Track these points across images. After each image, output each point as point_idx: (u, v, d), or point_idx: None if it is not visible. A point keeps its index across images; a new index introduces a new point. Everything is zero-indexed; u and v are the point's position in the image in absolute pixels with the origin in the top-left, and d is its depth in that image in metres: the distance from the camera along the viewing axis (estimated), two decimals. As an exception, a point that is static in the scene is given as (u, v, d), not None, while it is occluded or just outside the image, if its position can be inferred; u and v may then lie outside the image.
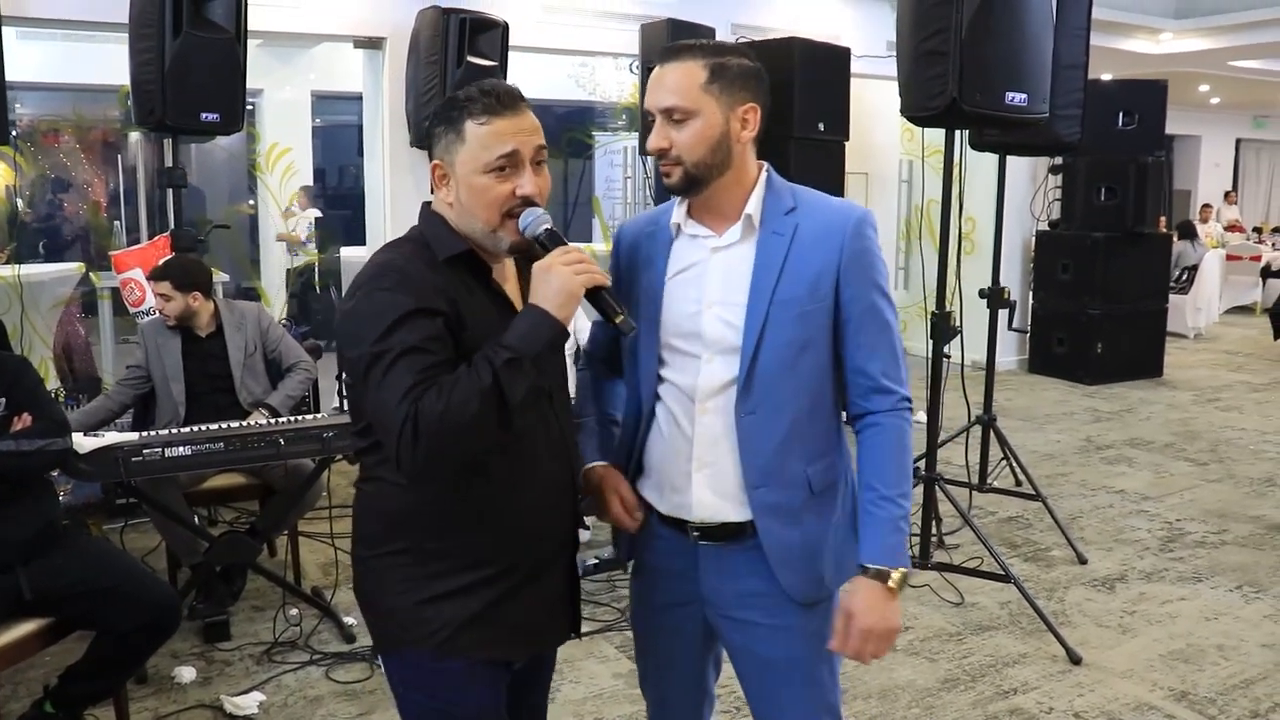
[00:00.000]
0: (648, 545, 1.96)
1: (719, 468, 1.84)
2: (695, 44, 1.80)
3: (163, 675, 3.53)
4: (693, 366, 1.83)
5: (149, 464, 3.36)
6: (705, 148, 1.77)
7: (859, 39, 7.66)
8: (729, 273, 1.82)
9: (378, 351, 1.62)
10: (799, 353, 1.81)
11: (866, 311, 1.82)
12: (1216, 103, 16.03)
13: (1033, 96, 3.72)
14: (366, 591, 1.82)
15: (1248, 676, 3.65)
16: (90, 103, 9.78)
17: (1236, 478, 6.12)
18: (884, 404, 1.85)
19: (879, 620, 1.78)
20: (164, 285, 4.12)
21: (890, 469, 1.83)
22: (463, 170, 1.71)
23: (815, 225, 1.82)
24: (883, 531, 1.80)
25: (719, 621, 1.94)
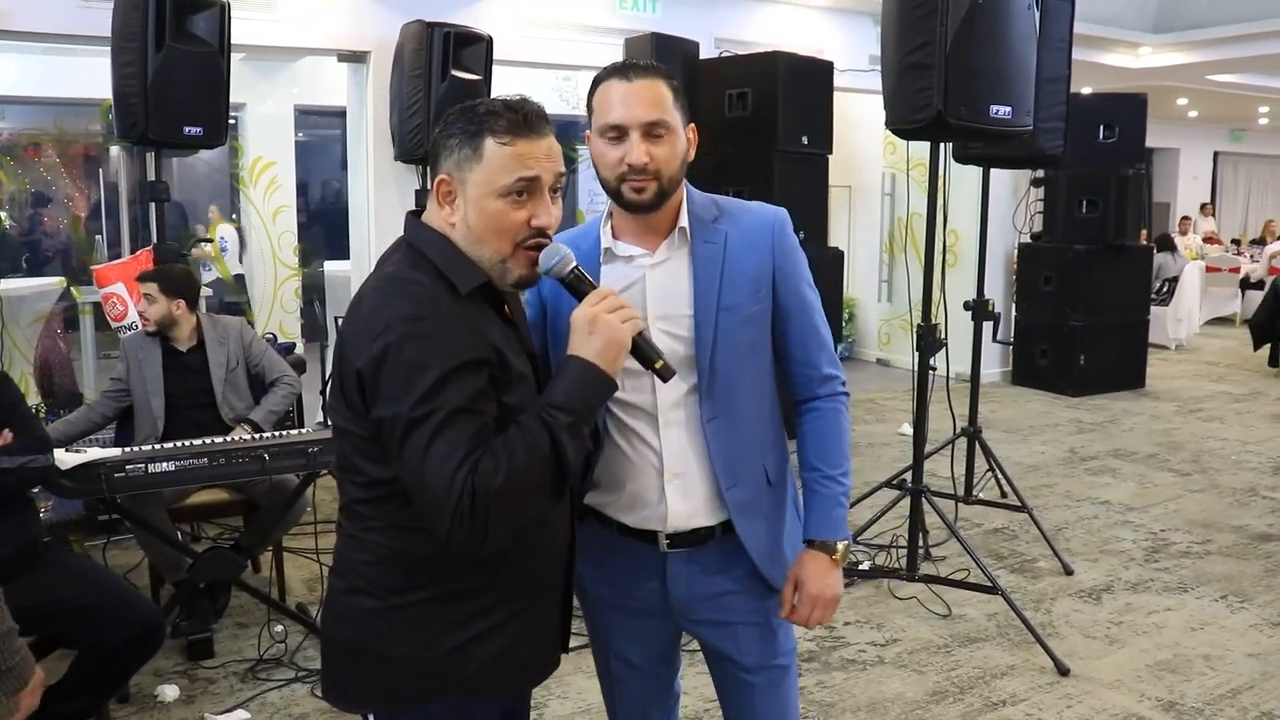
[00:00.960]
0: (604, 560, 1.95)
1: (689, 476, 1.87)
2: (648, 64, 1.83)
3: (145, 694, 3.49)
4: (645, 383, 1.84)
5: (132, 480, 3.32)
6: (678, 163, 1.81)
7: (842, 53, 7.71)
8: (668, 287, 1.85)
9: (420, 415, 1.49)
10: (749, 354, 1.88)
11: (802, 305, 1.93)
12: (1194, 116, 16.17)
13: (1017, 109, 3.74)
14: (371, 643, 1.65)
15: (1234, 686, 3.66)
16: (72, 116, 9.73)
17: (1219, 488, 6.14)
18: (826, 390, 1.96)
19: (825, 588, 1.89)
20: (150, 286, 4.10)
21: (832, 450, 1.94)
22: (476, 191, 1.60)
23: (743, 230, 1.88)
24: (827, 507, 1.92)
25: (693, 628, 1.98)
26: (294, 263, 8.53)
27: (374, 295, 1.60)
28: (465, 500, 1.46)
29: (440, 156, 1.63)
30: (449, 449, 1.48)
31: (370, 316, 1.56)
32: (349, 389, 1.58)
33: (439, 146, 1.63)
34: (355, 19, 6.25)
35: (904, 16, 3.64)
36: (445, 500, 1.47)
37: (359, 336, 1.56)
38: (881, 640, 3.99)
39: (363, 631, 1.66)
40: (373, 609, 1.64)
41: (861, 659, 3.83)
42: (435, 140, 1.65)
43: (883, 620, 4.16)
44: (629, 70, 1.80)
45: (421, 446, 1.49)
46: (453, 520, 1.48)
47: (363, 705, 1.72)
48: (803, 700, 3.51)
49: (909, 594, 4.36)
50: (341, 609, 1.69)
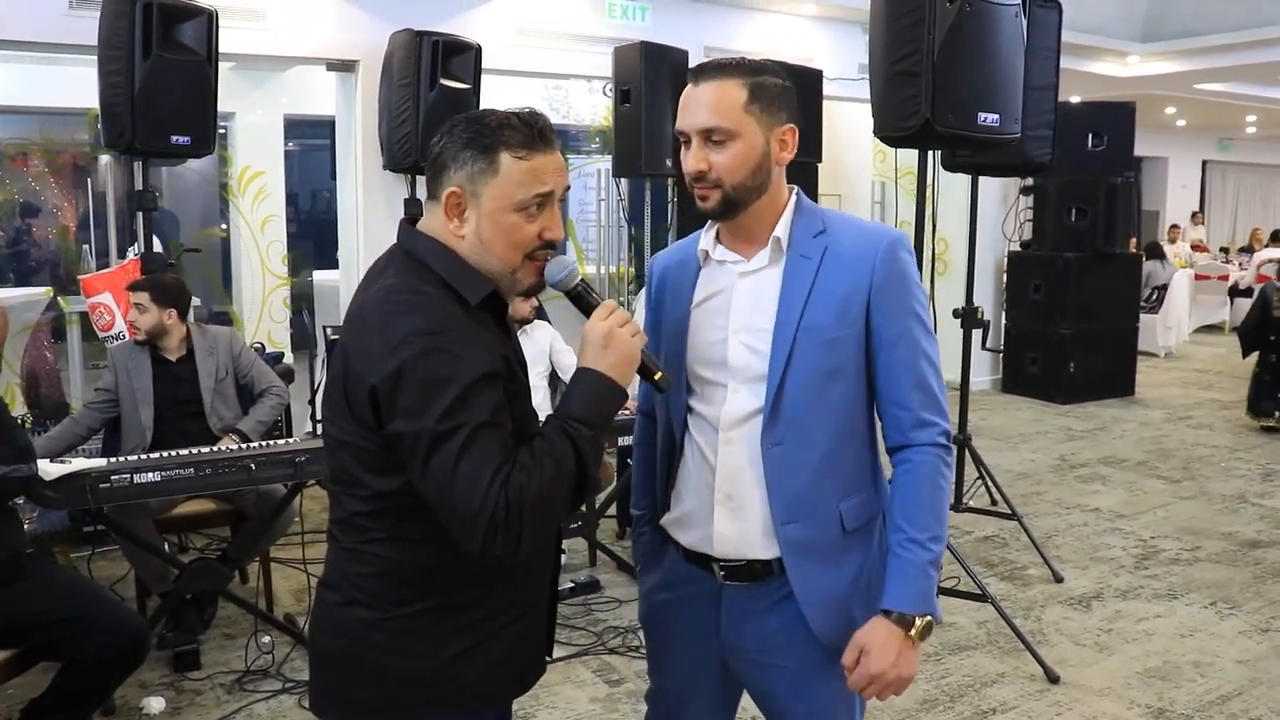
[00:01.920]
0: (670, 581, 1.90)
1: (742, 500, 1.77)
2: (732, 62, 1.73)
3: (131, 706, 3.46)
4: (719, 396, 1.77)
5: (117, 490, 3.30)
6: (746, 170, 1.70)
7: (831, 62, 7.73)
8: (756, 298, 1.76)
9: (445, 430, 1.47)
10: (827, 381, 1.74)
11: (901, 337, 1.75)
12: (1183, 125, 16.25)
13: (1005, 117, 3.76)
14: (365, 655, 1.63)
15: (1224, 692, 3.65)
16: (59, 126, 9.69)
17: (1209, 495, 6.15)
18: (921, 438, 1.76)
19: (892, 666, 1.69)
20: (142, 295, 4.09)
21: (921, 510, 1.74)
22: (490, 205, 1.58)
23: (845, 248, 1.75)
24: (909, 575, 1.71)
25: (742, 667, 1.87)
26: (283, 272, 8.50)
27: (381, 308, 1.56)
28: (500, 514, 1.46)
29: (449, 168, 1.60)
30: (478, 464, 1.47)
31: (383, 331, 1.52)
32: (358, 404, 1.55)
33: (446, 158, 1.60)
34: (344, 28, 6.24)
35: (892, 25, 3.65)
36: (479, 514, 1.46)
37: (371, 352, 1.52)
38: (872, 649, 3.97)
39: (357, 643, 1.64)
40: (369, 620, 1.62)
41: (851, 668, 3.81)
42: (440, 150, 1.61)
43: (873, 629, 4.15)
44: (699, 72, 1.73)
45: (450, 462, 1.47)
46: (486, 533, 1.47)
47: (355, 718, 1.70)
48: (792, 709, 3.49)
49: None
50: (335, 621, 1.67)
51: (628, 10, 7.25)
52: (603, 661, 3.81)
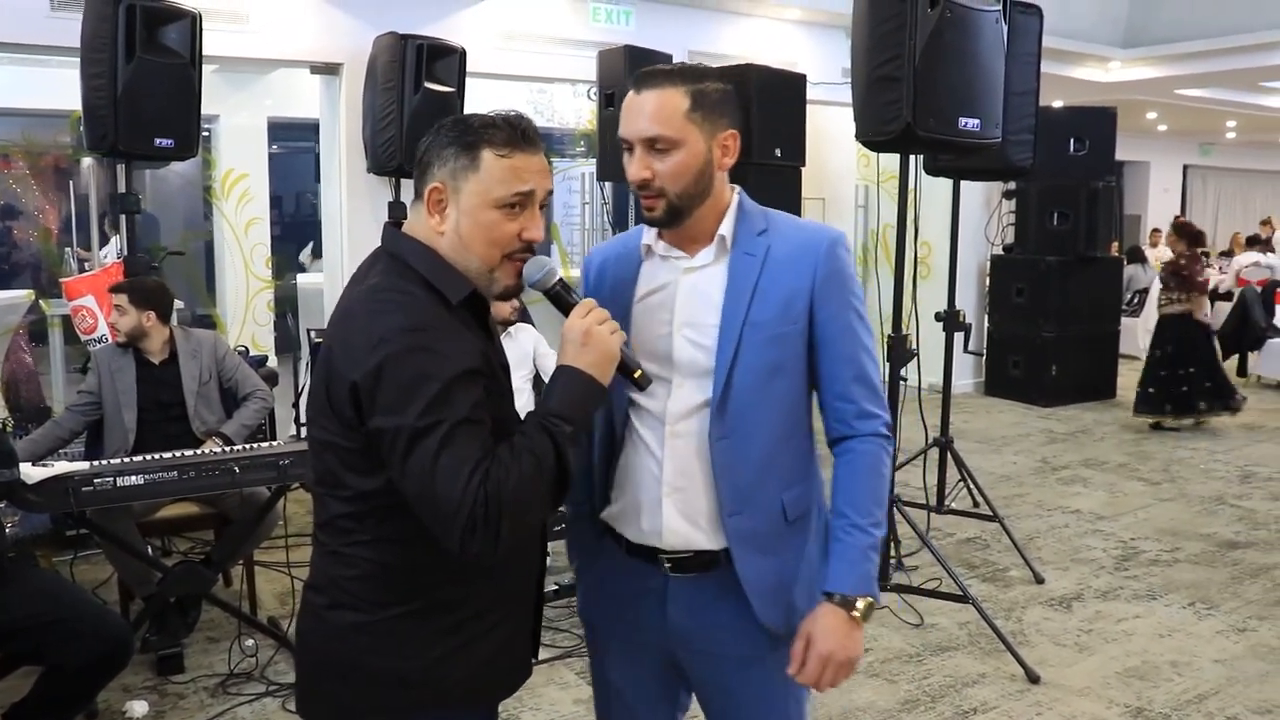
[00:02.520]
0: (612, 575, 1.90)
1: (690, 493, 1.79)
2: (672, 69, 1.75)
3: (114, 710, 3.46)
4: (663, 390, 1.79)
5: (100, 494, 3.29)
6: (689, 178, 1.73)
7: (815, 66, 7.75)
8: (700, 294, 1.79)
9: (425, 426, 1.49)
10: (772, 376, 1.78)
11: (843, 333, 1.80)
12: (1164, 130, 16.37)
13: (985, 122, 3.79)
14: (354, 658, 1.64)
15: (1201, 691, 3.69)
16: (41, 128, 9.66)
17: (1188, 496, 6.21)
18: (864, 429, 1.82)
19: (839, 648, 1.73)
20: (121, 297, 4.09)
21: (864, 496, 1.80)
22: (470, 201, 1.61)
23: (788, 246, 1.79)
24: (851, 559, 1.76)
25: (687, 657, 1.89)
26: (266, 275, 8.48)
27: (365, 307, 1.58)
28: (479, 510, 1.47)
29: (433, 165, 1.62)
30: (458, 460, 1.49)
31: (366, 328, 1.54)
32: (339, 402, 1.57)
33: (431, 155, 1.63)
34: (328, 31, 6.24)
35: (873, 30, 3.68)
36: (459, 511, 1.48)
37: (353, 349, 1.55)
38: (854, 650, 4.00)
39: (345, 646, 1.65)
40: (357, 623, 1.63)
41: (834, 669, 3.83)
42: (426, 149, 1.64)
43: (855, 630, 4.17)
44: (642, 80, 1.74)
45: (429, 458, 1.49)
46: (465, 529, 1.48)
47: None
48: (775, 710, 3.51)
49: (881, 603, 4.36)
50: (322, 624, 1.67)
51: (612, 14, 7.28)
52: (586, 663, 3.81)
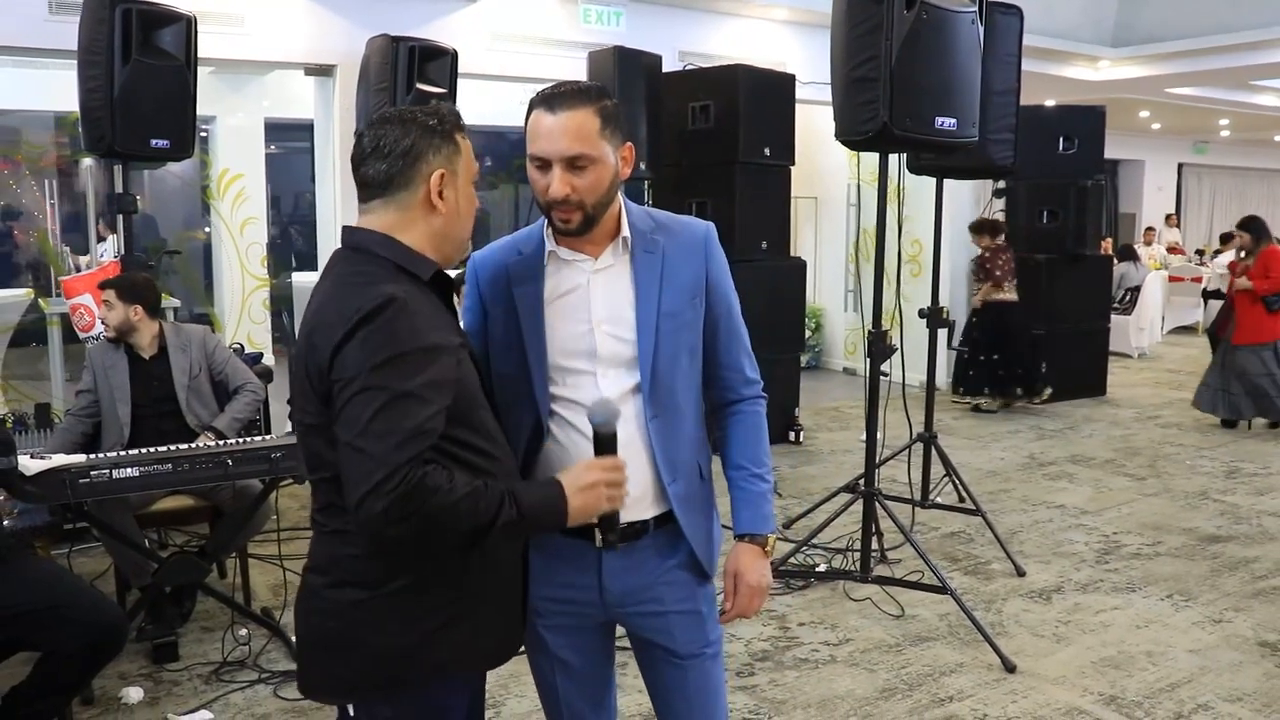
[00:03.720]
0: (544, 555, 1.99)
1: (631, 470, 1.88)
2: (579, 90, 1.85)
3: (110, 696, 3.55)
4: (588, 382, 1.92)
5: (96, 485, 3.38)
6: (603, 190, 1.86)
7: (805, 66, 7.83)
8: (612, 293, 1.94)
9: (373, 385, 1.58)
10: (687, 358, 1.98)
11: (730, 312, 2.05)
12: (1158, 128, 16.44)
13: (962, 121, 3.86)
14: (354, 634, 1.72)
15: (1174, 680, 3.77)
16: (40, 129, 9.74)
17: (1173, 491, 6.28)
18: (750, 393, 2.09)
19: (761, 578, 2.04)
20: (108, 293, 4.17)
21: (758, 450, 2.08)
22: (463, 179, 1.81)
23: (678, 241, 1.99)
24: (757, 504, 2.06)
25: (627, 617, 2.03)
26: (262, 274, 8.56)
27: (338, 291, 1.69)
28: (401, 485, 1.55)
29: (425, 156, 1.75)
30: (390, 426, 1.57)
31: (340, 306, 1.64)
32: (317, 379, 1.66)
33: (421, 148, 1.74)
34: (321, 33, 6.33)
35: (850, 32, 3.76)
36: (374, 472, 1.55)
37: (330, 326, 1.64)
38: (834, 640, 4.08)
39: (345, 623, 1.73)
40: (357, 600, 1.71)
41: (814, 658, 3.92)
42: (411, 144, 1.74)
43: (836, 621, 4.26)
44: (554, 100, 1.83)
45: (367, 415, 1.58)
46: (372, 492, 1.55)
47: (343, 696, 1.80)
48: (754, 698, 3.60)
49: (863, 595, 4.46)
50: (325, 603, 1.75)
51: (602, 15, 7.36)
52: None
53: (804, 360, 9.18)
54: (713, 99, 6.91)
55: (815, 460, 6.99)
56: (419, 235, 1.77)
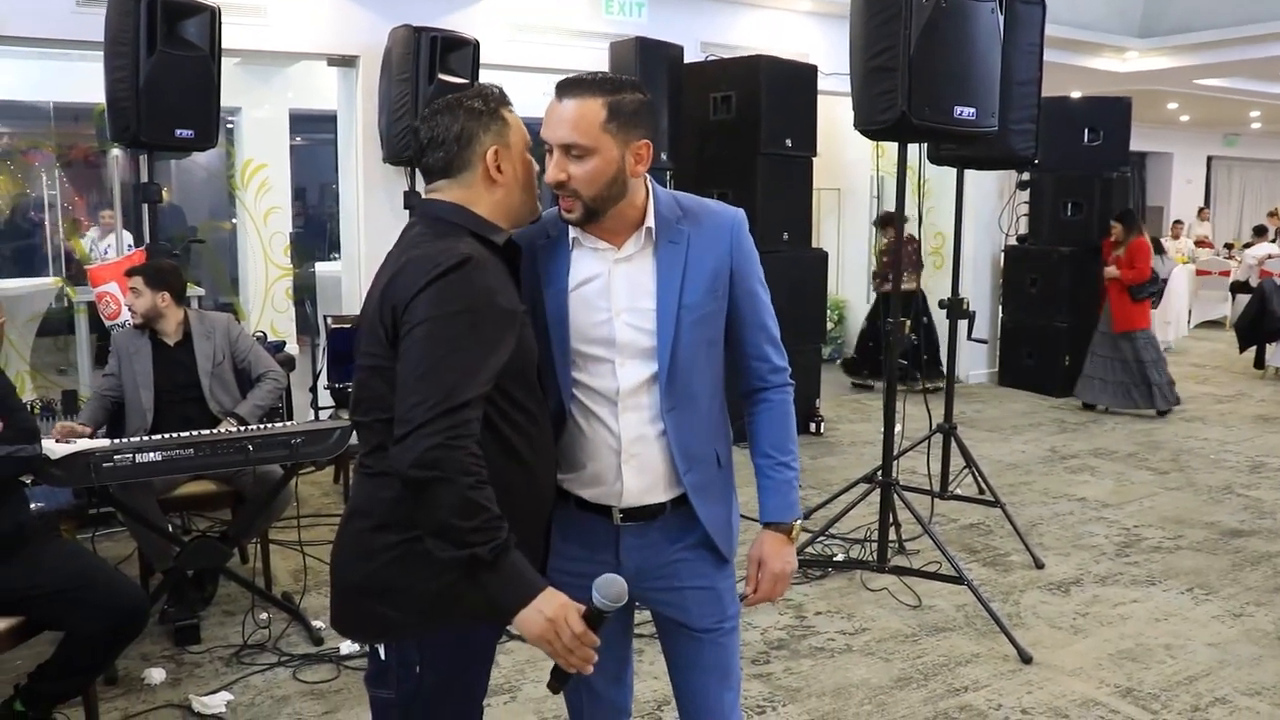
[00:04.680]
0: (563, 530, 2.05)
1: (645, 458, 1.97)
2: (592, 79, 1.88)
3: (133, 676, 3.61)
4: (607, 369, 1.95)
5: (119, 470, 3.42)
6: (602, 183, 1.87)
7: (828, 57, 7.81)
8: (634, 283, 1.95)
9: (446, 332, 1.69)
10: (707, 349, 1.99)
11: (758, 301, 2.04)
12: (1186, 120, 16.27)
13: (981, 111, 3.85)
14: (389, 577, 1.80)
15: (1191, 673, 3.75)
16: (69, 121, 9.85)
17: (1196, 485, 6.24)
18: (776, 381, 2.08)
19: (786, 564, 2.07)
20: (136, 280, 4.21)
21: (783, 437, 2.08)
22: (517, 151, 1.89)
23: (704, 230, 1.99)
24: (783, 491, 2.07)
25: (646, 595, 2.07)
26: (285, 263, 8.63)
27: (419, 247, 1.80)
28: (441, 435, 1.63)
29: (478, 136, 1.86)
30: (448, 373, 1.67)
31: (421, 261, 1.75)
32: (387, 324, 1.76)
33: (473, 129, 1.85)
34: (344, 24, 6.37)
35: (868, 21, 3.76)
36: (422, 411, 1.65)
37: (408, 277, 1.74)
38: (851, 629, 4.09)
39: (380, 565, 1.80)
40: (393, 543, 1.79)
41: (830, 647, 3.93)
42: (461, 128, 1.85)
43: (853, 610, 4.26)
44: (564, 89, 1.87)
45: (430, 359, 1.68)
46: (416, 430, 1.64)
47: (375, 637, 1.87)
48: (769, 685, 3.61)
49: (880, 585, 4.46)
50: (364, 546, 1.83)
51: (625, 6, 7.36)
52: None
53: (826, 353, 9.18)
54: (734, 90, 6.90)
55: (836, 451, 6.99)
56: (487, 207, 1.88)
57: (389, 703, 1.88)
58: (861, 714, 3.44)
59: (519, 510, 1.84)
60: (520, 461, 1.84)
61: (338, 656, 3.75)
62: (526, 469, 1.86)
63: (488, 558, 1.65)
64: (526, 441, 1.85)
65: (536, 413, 1.88)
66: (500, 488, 1.76)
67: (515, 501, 1.82)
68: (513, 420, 1.82)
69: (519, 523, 1.84)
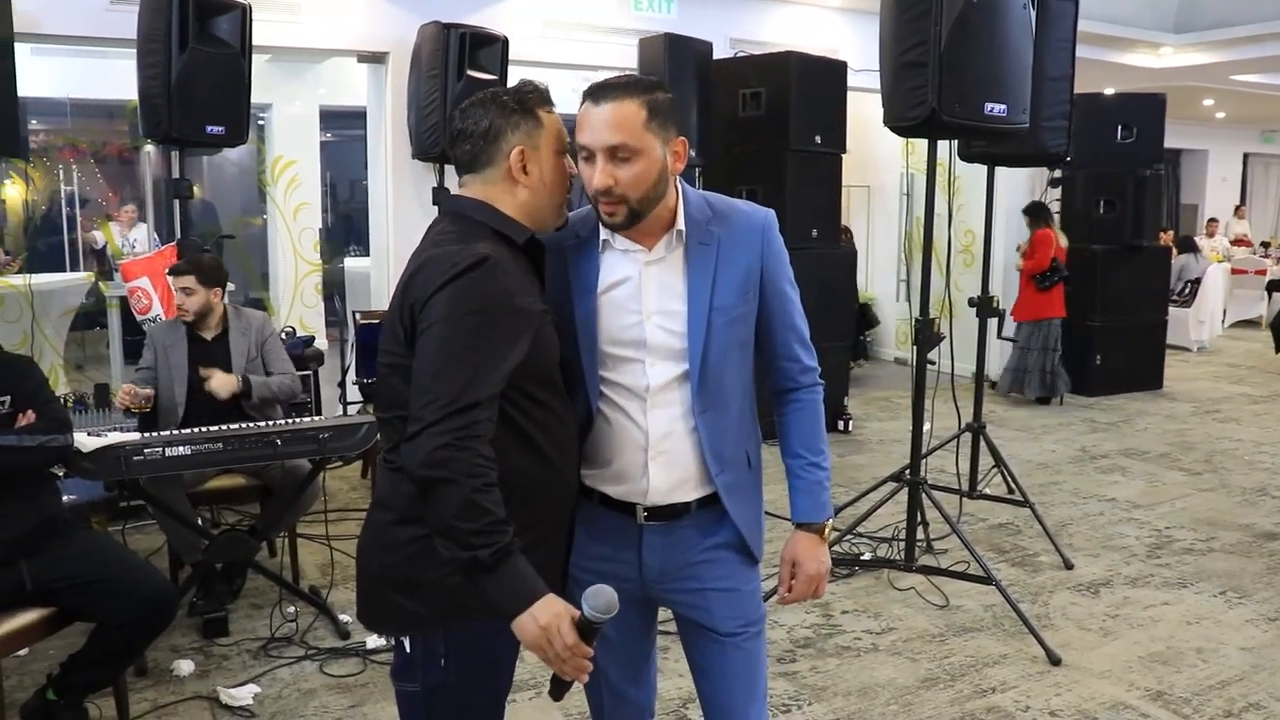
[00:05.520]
0: (586, 527, 2.04)
1: (673, 455, 1.95)
2: (627, 81, 1.86)
3: (162, 668, 3.64)
4: (637, 369, 1.94)
5: (149, 462, 3.47)
6: (649, 184, 1.85)
7: (858, 53, 7.76)
8: (664, 285, 1.94)
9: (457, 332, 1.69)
10: (738, 351, 1.98)
11: (788, 302, 2.03)
12: (1222, 117, 16.06)
13: (1012, 107, 3.81)
14: (410, 571, 1.81)
15: (1224, 678, 3.70)
16: (103, 118, 9.97)
17: (1229, 487, 6.16)
18: (808, 380, 2.08)
19: (819, 565, 2.07)
20: (188, 279, 4.24)
21: (814, 437, 2.08)
22: (547, 152, 1.88)
23: (734, 232, 1.97)
24: (814, 492, 2.06)
25: (667, 594, 2.05)
26: (314, 259, 8.68)
27: (440, 245, 1.79)
28: (451, 435, 1.64)
29: (506, 134, 1.85)
30: (460, 372, 1.68)
31: (440, 260, 1.75)
32: (407, 321, 1.77)
33: (500, 126, 1.85)
34: (374, 20, 6.39)
35: (899, 17, 3.73)
36: (434, 410, 1.66)
37: (428, 276, 1.74)
38: (877, 629, 4.06)
39: (403, 558, 1.81)
40: (417, 536, 1.79)
41: (856, 646, 3.91)
42: (490, 124, 1.85)
43: (880, 610, 4.24)
44: (599, 92, 1.84)
45: (442, 357, 1.69)
46: (428, 428, 1.66)
47: (400, 630, 1.88)
48: (795, 684, 3.60)
49: (907, 585, 4.43)
50: (386, 539, 1.84)
51: (654, 2, 7.35)
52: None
53: (856, 351, 9.14)
54: (764, 86, 6.87)
55: (864, 449, 6.95)
56: (511, 205, 1.87)
57: (414, 696, 1.88)
58: (887, 714, 3.42)
59: (541, 505, 1.85)
60: (542, 456, 1.84)
61: (364, 651, 3.77)
62: (548, 464, 1.86)
63: (488, 561, 1.65)
64: (548, 437, 1.85)
65: (559, 409, 1.89)
66: (522, 483, 1.77)
67: (537, 496, 1.84)
68: (534, 416, 1.83)
69: (541, 518, 1.86)
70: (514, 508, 1.77)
